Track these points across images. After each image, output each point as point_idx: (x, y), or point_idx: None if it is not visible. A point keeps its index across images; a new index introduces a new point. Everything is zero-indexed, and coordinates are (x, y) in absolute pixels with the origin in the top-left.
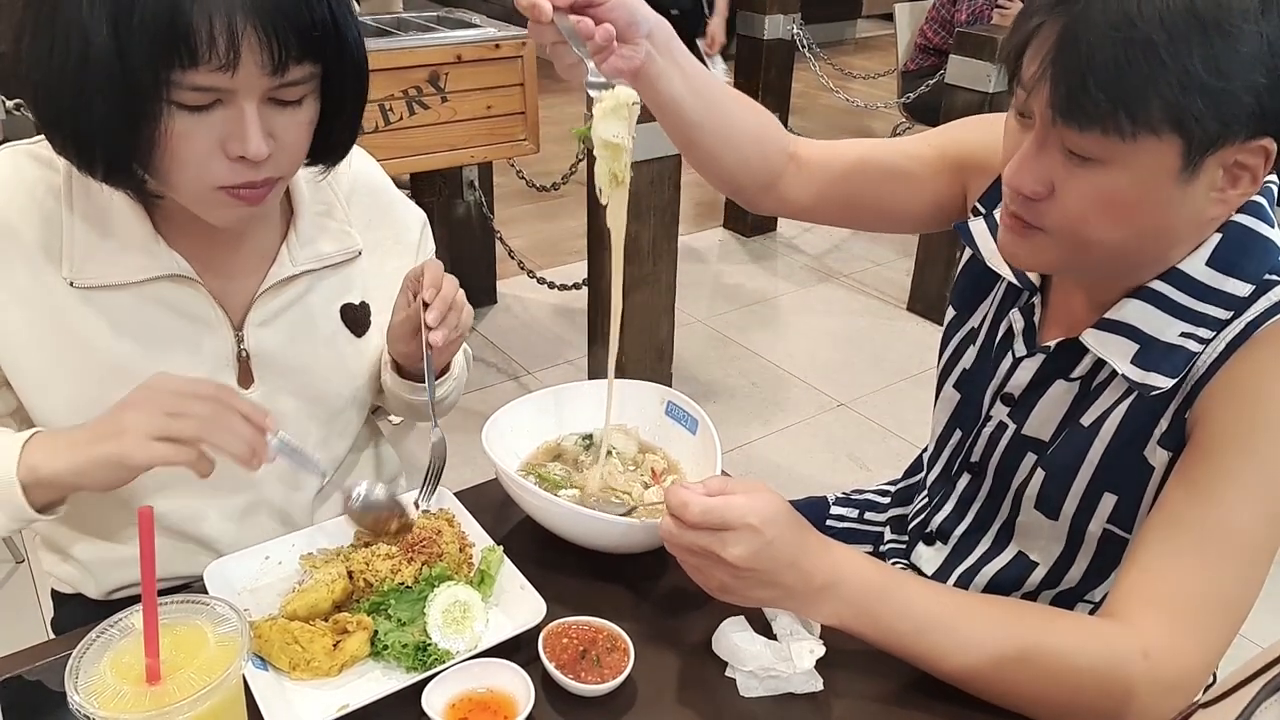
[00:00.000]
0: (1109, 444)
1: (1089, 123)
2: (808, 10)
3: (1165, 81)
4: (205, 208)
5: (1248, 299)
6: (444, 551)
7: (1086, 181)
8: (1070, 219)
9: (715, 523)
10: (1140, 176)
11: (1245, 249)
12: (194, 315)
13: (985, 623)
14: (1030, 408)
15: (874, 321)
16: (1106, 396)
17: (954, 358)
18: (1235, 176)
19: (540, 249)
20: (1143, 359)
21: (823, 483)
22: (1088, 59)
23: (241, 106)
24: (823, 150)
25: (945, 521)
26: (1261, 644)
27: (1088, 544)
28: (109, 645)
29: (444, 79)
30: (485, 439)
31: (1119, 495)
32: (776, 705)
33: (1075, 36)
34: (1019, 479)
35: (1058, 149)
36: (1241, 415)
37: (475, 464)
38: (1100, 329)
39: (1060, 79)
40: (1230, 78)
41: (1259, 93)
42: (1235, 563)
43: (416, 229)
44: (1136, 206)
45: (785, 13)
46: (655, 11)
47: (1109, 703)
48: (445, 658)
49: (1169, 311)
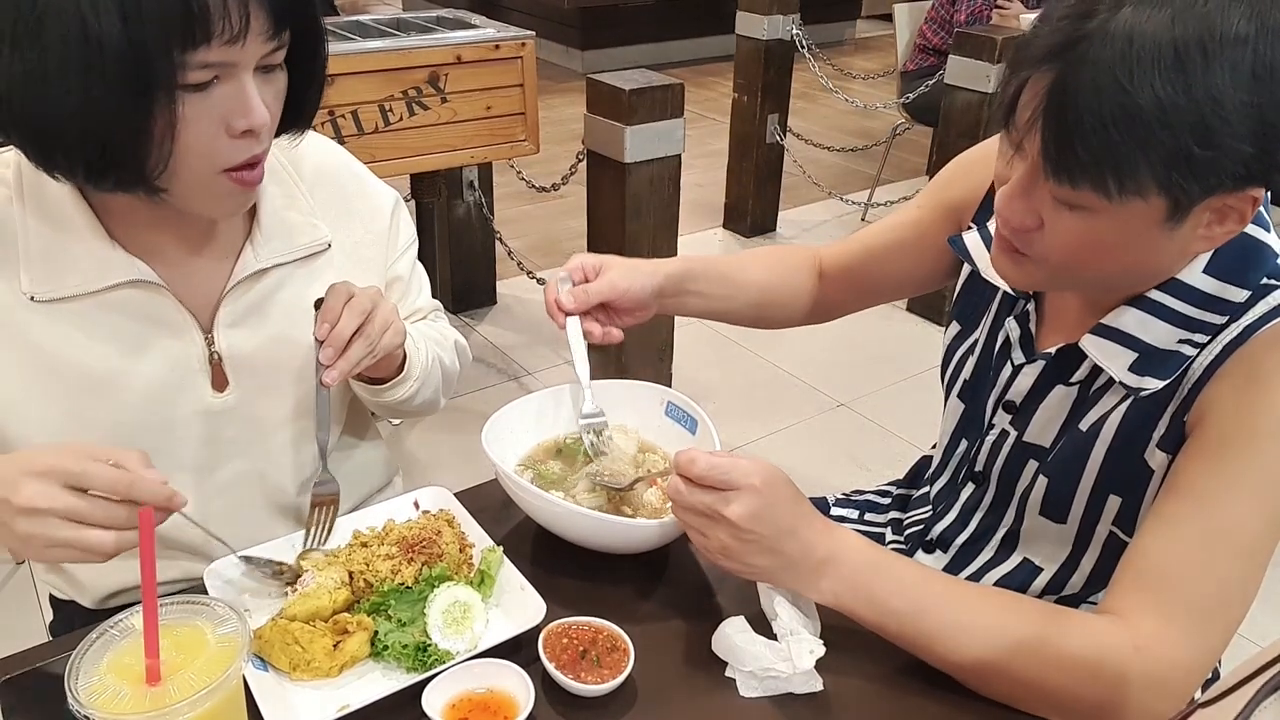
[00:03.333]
0: (1109, 447)
1: (1076, 181)
2: (807, 10)
3: (1154, 152)
4: (208, 199)
5: (1244, 304)
6: (444, 552)
7: (1073, 223)
8: (1057, 253)
9: (719, 480)
10: (1126, 225)
11: (1243, 256)
12: (160, 320)
13: (982, 610)
14: (1031, 415)
15: (873, 321)
16: (1105, 401)
17: (957, 369)
18: (1223, 216)
19: (540, 249)
20: (1140, 365)
21: (822, 483)
22: (1076, 121)
23: (241, 79)
24: (834, 257)
25: (947, 530)
26: (1261, 644)
27: (1094, 547)
28: (109, 646)
29: (444, 80)
30: (485, 439)
31: (1123, 498)
32: (776, 705)
33: (1065, 94)
34: (1022, 486)
35: (1047, 191)
36: (1241, 417)
37: (475, 464)
38: (1098, 335)
39: (1049, 136)
40: (1219, 148)
41: (1246, 159)
42: (1232, 561)
43: (386, 213)
44: (1121, 249)
45: (784, 13)
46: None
47: (1100, 696)
48: (445, 658)
49: (1168, 320)
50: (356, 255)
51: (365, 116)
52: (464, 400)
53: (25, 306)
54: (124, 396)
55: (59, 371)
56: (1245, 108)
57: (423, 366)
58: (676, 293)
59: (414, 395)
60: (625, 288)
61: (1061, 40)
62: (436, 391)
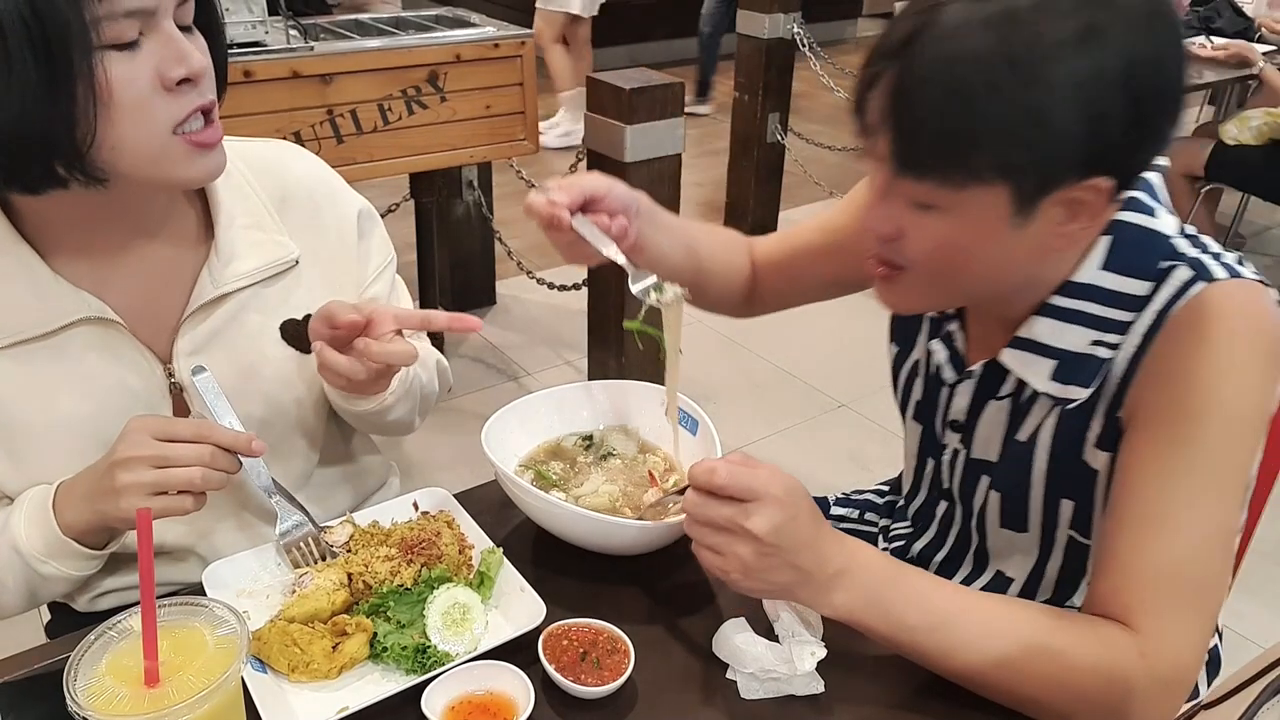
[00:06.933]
0: (1050, 454)
1: (922, 173)
2: (808, 9)
3: (987, 133)
4: (167, 166)
5: (1149, 295)
6: (443, 553)
7: (929, 226)
8: (922, 260)
9: (741, 490)
10: (975, 222)
11: (1137, 247)
12: (117, 354)
13: (994, 621)
14: (974, 431)
15: (874, 321)
16: (1038, 410)
17: (906, 390)
18: (1075, 211)
19: (540, 249)
20: (1061, 373)
21: (823, 483)
22: (916, 111)
23: (164, 27)
24: (765, 251)
25: (926, 548)
26: (1262, 644)
27: (1056, 552)
28: (107, 648)
29: (443, 78)
30: (485, 440)
31: (1074, 501)
32: (777, 707)
33: (906, 88)
34: (978, 502)
35: (902, 195)
36: (1176, 401)
37: (475, 465)
38: (1015, 348)
39: (894, 131)
40: (1049, 126)
41: (1079, 139)
42: (1203, 548)
43: (352, 221)
44: (976, 248)
45: (786, 12)
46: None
47: (1110, 703)
48: (445, 660)
49: (1077, 322)
50: (328, 269)
51: (364, 115)
52: (463, 401)
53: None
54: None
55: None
56: (1074, 90)
57: (401, 380)
58: (650, 219)
59: (389, 409)
60: (609, 184)
61: (902, 36)
62: (412, 411)
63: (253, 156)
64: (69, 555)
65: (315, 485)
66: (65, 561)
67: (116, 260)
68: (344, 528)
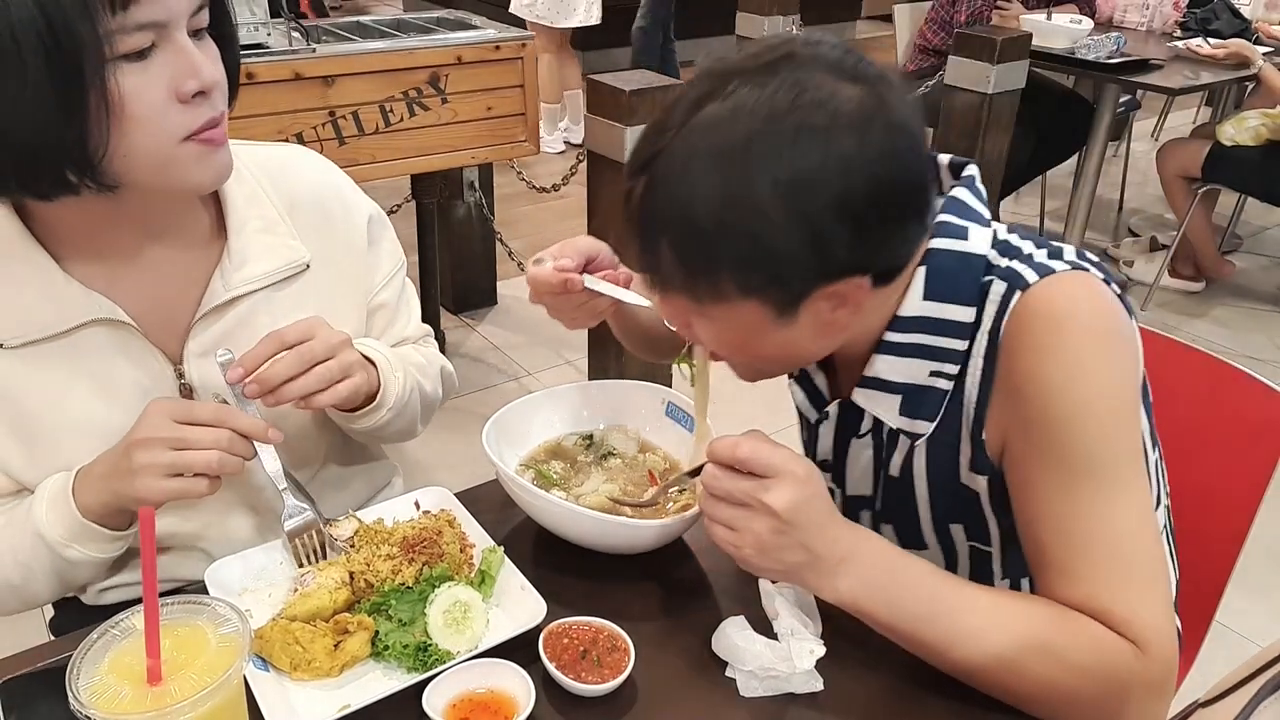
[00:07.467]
0: (929, 482)
1: (667, 290)
2: (807, 11)
3: (724, 263)
4: (178, 172)
5: (976, 321)
6: (444, 552)
7: (705, 325)
8: (717, 347)
9: (763, 465)
10: (744, 325)
11: (951, 274)
12: (129, 357)
13: (993, 615)
14: (843, 470)
15: None
16: (902, 443)
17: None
18: (840, 301)
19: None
20: (906, 408)
21: None
22: (652, 235)
23: (177, 39)
24: None
25: None
26: (1261, 644)
27: (962, 562)
28: (110, 646)
29: (444, 80)
30: (485, 440)
31: (964, 523)
32: (776, 705)
33: (643, 208)
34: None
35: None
36: (1040, 415)
37: (476, 464)
38: (863, 387)
39: (639, 247)
40: (776, 253)
41: (808, 259)
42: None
43: (362, 228)
44: (757, 342)
45: (785, 13)
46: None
47: (1105, 699)
48: (446, 658)
49: (914, 355)
50: (338, 273)
51: (366, 117)
52: (464, 401)
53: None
54: (95, 444)
55: (42, 418)
56: (789, 214)
57: (398, 396)
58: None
59: (387, 424)
60: (597, 243)
61: (645, 155)
62: (413, 421)
63: (265, 160)
64: (91, 538)
65: (321, 485)
66: (88, 544)
67: (128, 263)
68: (349, 522)
